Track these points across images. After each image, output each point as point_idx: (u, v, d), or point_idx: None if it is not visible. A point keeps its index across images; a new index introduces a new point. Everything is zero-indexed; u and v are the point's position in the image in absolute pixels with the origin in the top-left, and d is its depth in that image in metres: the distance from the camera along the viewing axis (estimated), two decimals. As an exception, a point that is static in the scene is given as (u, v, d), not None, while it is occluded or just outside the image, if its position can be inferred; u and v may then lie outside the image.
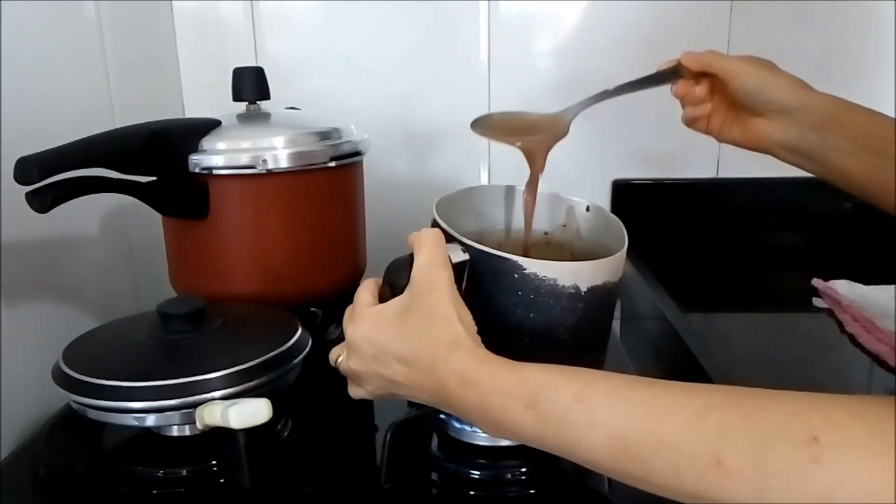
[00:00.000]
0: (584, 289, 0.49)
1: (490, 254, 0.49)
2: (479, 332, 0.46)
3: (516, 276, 0.48)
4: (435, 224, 0.53)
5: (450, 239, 0.50)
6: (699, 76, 0.63)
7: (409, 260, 0.47)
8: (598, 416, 0.36)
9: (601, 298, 0.51)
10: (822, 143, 0.59)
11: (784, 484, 0.30)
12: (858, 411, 0.30)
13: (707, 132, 0.65)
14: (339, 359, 0.49)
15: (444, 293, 0.44)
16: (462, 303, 0.45)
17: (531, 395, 0.39)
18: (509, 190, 0.63)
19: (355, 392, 0.49)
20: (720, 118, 0.64)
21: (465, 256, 0.49)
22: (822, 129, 0.59)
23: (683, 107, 0.65)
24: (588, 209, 0.62)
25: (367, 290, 0.49)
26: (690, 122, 0.66)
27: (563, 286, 0.49)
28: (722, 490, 0.32)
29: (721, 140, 0.65)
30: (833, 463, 0.29)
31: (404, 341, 0.44)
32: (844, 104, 0.59)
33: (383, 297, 0.48)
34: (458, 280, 0.49)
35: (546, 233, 0.62)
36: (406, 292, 0.46)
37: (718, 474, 0.32)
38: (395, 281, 0.47)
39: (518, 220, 0.63)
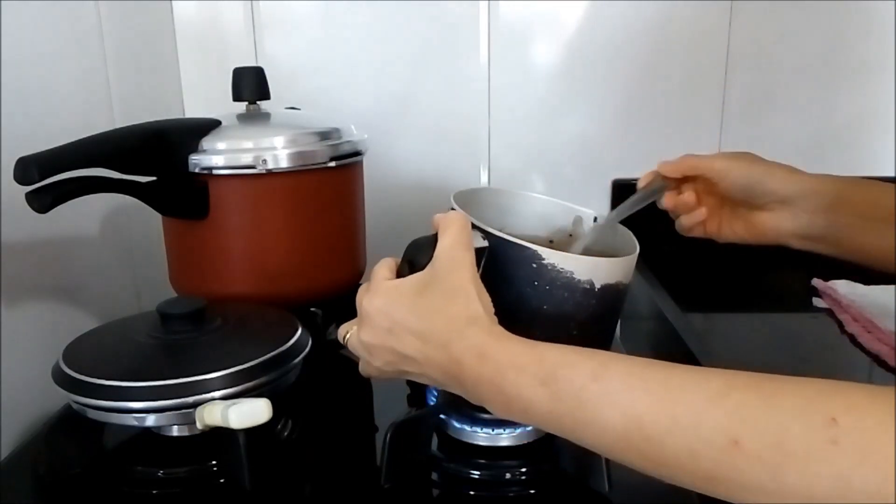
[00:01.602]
0: (598, 285, 0.50)
1: (510, 241, 0.49)
2: None
3: (534, 265, 0.49)
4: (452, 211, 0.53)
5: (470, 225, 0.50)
6: (682, 181, 0.62)
7: (432, 240, 0.47)
8: (613, 394, 0.36)
9: (612, 298, 0.52)
10: (833, 223, 0.58)
11: (801, 465, 0.30)
12: (877, 395, 0.30)
13: (707, 235, 0.64)
14: (348, 334, 0.49)
15: (465, 273, 0.44)
16: (482, 285, 0.45)
17: (546, 372, 0.39)
18: (523, 196, 0.63)
19: (365, 369, 0.49)
20: (717, 219, 0.63)
21: (484, 243, 0.49)
22: (829, 211, 0.58)
23: (675, 217, 0.64)
24: (595, 219, 0.62)
25: (385, 266, 0.48)
26: (688, 231, 0.64)
27: (579, 280, 0.49)
28: (738, 471, 0.31)
29: (723, 240, 0.64)
30: (851, 445, 0.29)
31: (421, 316, 0.44)
32: (843, 181, 0.59)
33: (401, 274, 0.48)
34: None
35: (551, 241, 0.62)
36: (427, 269, 0.46)
37: (735, 455, 0.31)
38: (416, 259, 0.47)
39: (528, 227, 0.63)
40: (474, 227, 0.50)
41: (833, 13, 0.96)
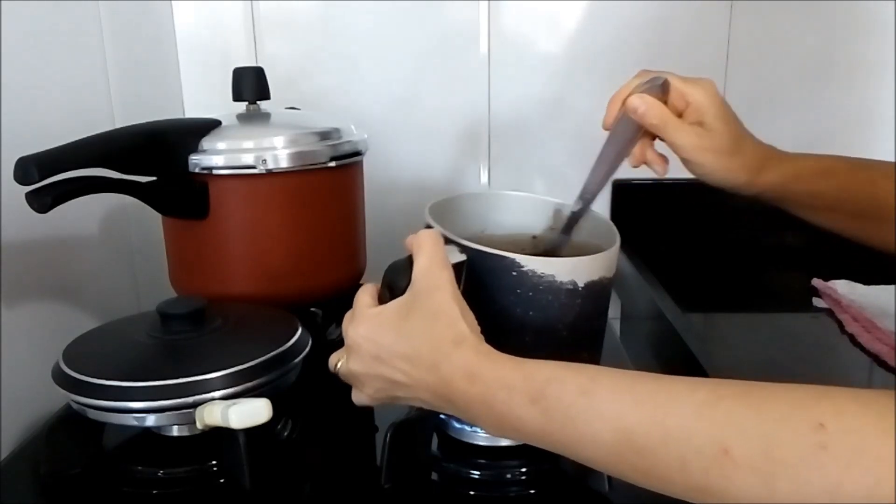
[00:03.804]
0: (581, 284, 0.50)
1: (487, 253, 0.49)
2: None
3: (514, 273, 0.49)
4: (428, 227, 0.53)
5: (446, 241, 0.50)
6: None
7: (408, 262, 0.47)
8: (603, 408, 0.36)
9: (597, 294, 0.52)
10: (777, 203, 0.60)
11: (792, 472, 0.30)
12: (864, 399, 0.30)
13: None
14: (339, 363, 0.49)
15: (446, 293, 0.44)
16: (464, 302, 0.45)
17: (536, 390, 0.39)
18: (500, 196, 0.63)
19: (357, 397, 0.49)
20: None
21: (463, 257, 0.49)
22: (773, 201, 0.60)
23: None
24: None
25: (366, 293, 0.49)
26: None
27: (562, 282, 0.49)
28: (729, 481, 0.31)
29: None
30: (840, 449, 0.29)
31: (407, 340, 0.44)
32: (796, 171, 0.58)
33: (382, 299, 0.48)
34: (456, 281, 0.49)
35: (534, 236, 0.63)
36: (407, 293, 0.46)
37: (725, 464, 0.31)
38: (395, 283, 0.47)
39: (510, 226, 0.63)
40: (450, 241, 0.50)
41: (833, 13, 0.96)
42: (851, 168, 0.59)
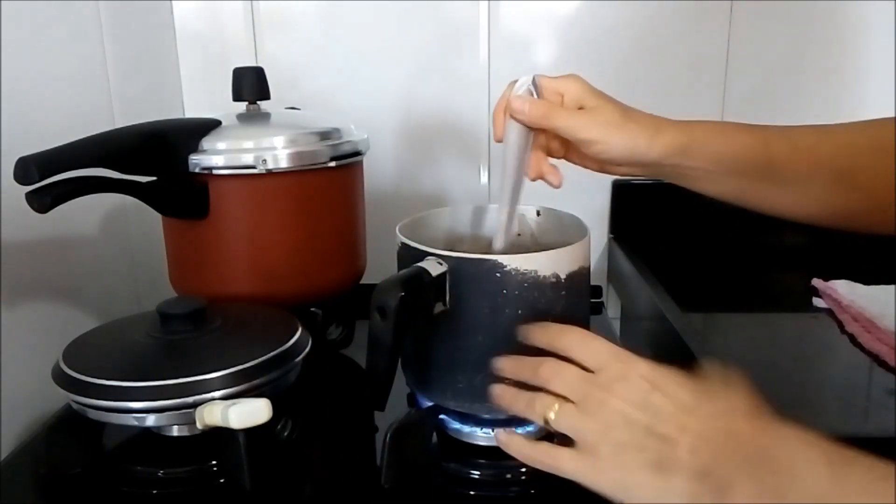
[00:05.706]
0: (563, 276, 0.51)
1: (470, 258, 0.50)
2: (472, 340, 0.45)
3: (498, 275, 0.49)
4: (403, 245, 0.54)
5: (423, 254, 0.50)
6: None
7: (397, 281, 0.47)
8: None
9: (579, 285, 0.53)
10: (676, 172, 0.57)
11: None
12: None
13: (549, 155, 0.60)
14: (554, 411, 0.44)
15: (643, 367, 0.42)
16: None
17: None
18: (463, 209, 0.64)
19: (577, 469, 0.44)
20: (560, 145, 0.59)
21: (444, 268, 0.50)
22: (673, 169, 0.57)
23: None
24: (538, 213, 0.64)
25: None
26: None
27: (545, 276, 0.50)
28: None
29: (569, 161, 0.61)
30: None
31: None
32: (696, 131, 0.56)
33: (374, 324, 0.48)
34: (440, 294, 0.49)
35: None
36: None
37: None
38: (386, 305, 0.47)
39: (478, 238, 0.64)
40: (430, 254, 0.51)
41: (832, 13, 0.96)
42: (746, 129, 0.57)
